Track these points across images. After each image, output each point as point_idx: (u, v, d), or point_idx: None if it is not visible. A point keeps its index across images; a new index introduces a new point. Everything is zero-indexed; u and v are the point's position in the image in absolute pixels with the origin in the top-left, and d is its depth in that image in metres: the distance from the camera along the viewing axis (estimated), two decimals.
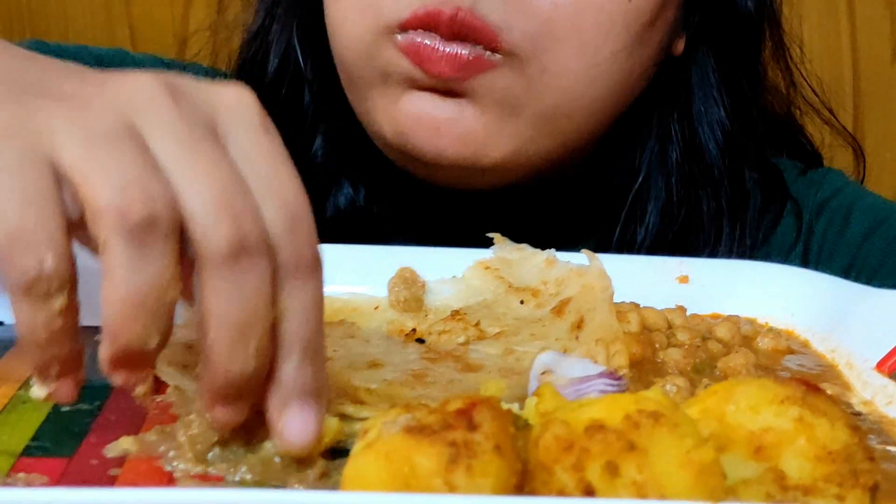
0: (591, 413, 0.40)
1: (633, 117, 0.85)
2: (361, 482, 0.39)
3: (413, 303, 0.67)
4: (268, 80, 0.88)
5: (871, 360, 0.61)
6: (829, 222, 0.89)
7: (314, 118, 0.88)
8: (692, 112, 0.86)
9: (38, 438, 0.50)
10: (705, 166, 0.86)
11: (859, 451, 0.43)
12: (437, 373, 0.58)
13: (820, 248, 0.89)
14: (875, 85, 1.31)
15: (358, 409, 0.51)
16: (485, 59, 0.73)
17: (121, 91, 0.44)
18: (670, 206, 0.85)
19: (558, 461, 0.39)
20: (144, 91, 0.44)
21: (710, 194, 0.86)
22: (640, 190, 0.86)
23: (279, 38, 0.88)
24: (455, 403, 0.40)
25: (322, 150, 0.88)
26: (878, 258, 0.87)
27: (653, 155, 0.86)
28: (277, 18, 0.88)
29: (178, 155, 0.42)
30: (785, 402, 0.43)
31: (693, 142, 0.86)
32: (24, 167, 0.41)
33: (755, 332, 0.66)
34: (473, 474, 0.38)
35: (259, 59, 0.89)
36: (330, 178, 0.88)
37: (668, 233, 0.85)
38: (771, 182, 0.89)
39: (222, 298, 0.42)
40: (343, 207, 0.88)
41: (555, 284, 0.67)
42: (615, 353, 0.58)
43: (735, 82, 0.87)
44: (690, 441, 0.40)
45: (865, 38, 1.30)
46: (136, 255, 0.41)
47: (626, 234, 0.86)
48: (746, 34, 0.88)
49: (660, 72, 0.84)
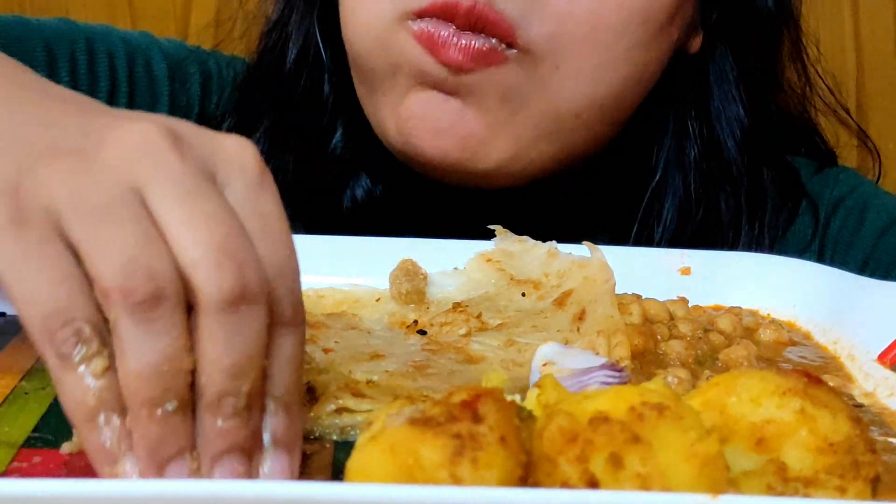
0: (596, 405, 0.40)
1: (650, 115, 0.85)
2: (366, 474, 0.39)
3: (415, 295, 0.67)
4: (287, 71, 0.88)
5: (872, 351, 0.61)
6: (845, 220, 0.90)
7: (334, 110, 0.88)
8: (710, 109, 0.86)
9: (39, 430, 0.50)
10: (723, 164, 0.86)
11: (861, 442, 0.43)
12: (438, 364, 0.58)
13: (835, 246, 0.89)
14: (879, 79, 1.30)
15: (358, 402, 0.51)
16: (498, 52, 0.73)
17: (122, 146, 0.44)
18: (688, 203, 0.85)
19: (562, 453, 0.39)
20: (146, 144, 0.44)
21: (728, 192, 0.86)
22: (658, 187, 0.86)
23: (298, 28, 0.88)
24: (459, 395, 0.40)
25: (342, 142, 0.88)
26: (893, 255, 0.87)
27: (670, 152, 0.86)
28: (297, 8, 0.88)
29: (180, 208, 0.43)
30: (786, 393, 0.43)
31: (711, 139, 0.86)
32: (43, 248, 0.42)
33: (757, 324, 0.66)
34: (478, 466, 0.38)
35: (279, 50, 0.89)
36: (349, 169, 0.88)
37: (685, 231, 0.85)
38: (787, 180, 0.89)
39: (220, 344, 0.42)
40: (360, 199, 0.88)
41: (556, 276, 0.67)
42: (617, 344, 0.58)
43: (753, 80, 0.86)
44: (694, 433, 0.40)
45: (869, 33, 1.29)
46: (145, 329, 0.42)
47: (644, 231, 0.86)
48: (765, 32, 0.88)
49: (677, 69, 0.83)
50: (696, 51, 0.85)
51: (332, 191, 0.88)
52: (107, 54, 0.88)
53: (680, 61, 0.84)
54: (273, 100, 0.88)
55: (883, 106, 1.32)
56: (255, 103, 0.89)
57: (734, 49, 0.86)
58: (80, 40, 0.87)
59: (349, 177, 0.88)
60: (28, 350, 0.59)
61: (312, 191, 0.87)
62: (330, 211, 0.87)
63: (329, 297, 0.68)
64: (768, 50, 0.89)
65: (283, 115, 0.88)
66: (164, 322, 0.42)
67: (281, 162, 0.87)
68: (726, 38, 0.86)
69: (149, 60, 0.90)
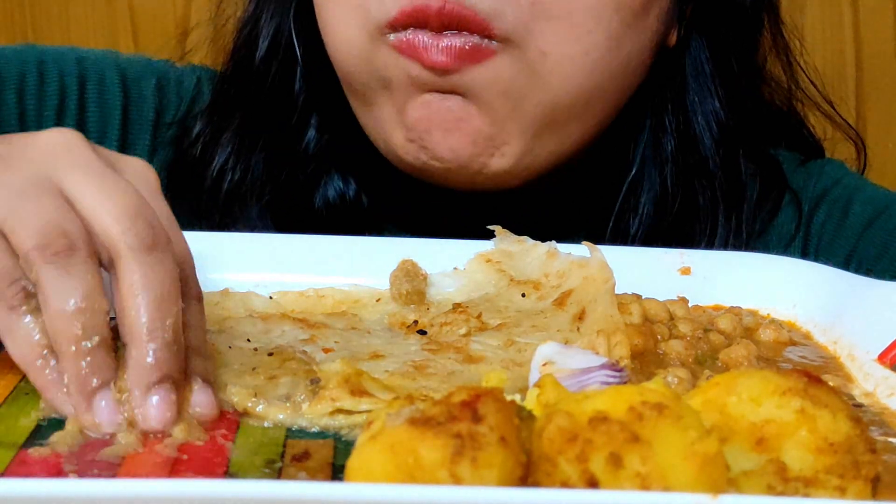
0: (595, 404, 0.40)
1: (627, 108, 0.85)
2: (366, 474, 0.39)
3: (415, 296, 0.67)
4: (256, 67, 0.88)
5: (872, 351, 0.61)
6: (829, 213, 0.89)
7: (306, 108, 0.88)
8: (686, 103, 0.85)
9: (39, 430, 0.50)
10: (700, 158, 0.86)
11: (861, 442, 0.43)
12: (438, 364, 0.58)
13: (819, 239, 0.89)
14: (877, 77, 1.31)
15: (356, 402, 0.51)
16: (482, 47, 0.73)
17: (42, 145, 0.54)
18: (665, 197, 0.85)
19: (562, 452, 0.39)
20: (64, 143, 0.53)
21: (705, 186, 0.86)
22: (634, 181, 0.86)
23: (268, 24, 0.87)
24: (459, 395, 0.40)
25: (314, 141, 0.88)
26: (878, 248, 0.87)
27: (647, 146, 0.86)
28: (268, 6, 0.88)
29: (94, 185, 0.51)
30: (786, 393, 0.43)
31: (688, 133, 0.85)
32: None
33: (757, 324, 0.66)
34: (478, 466, 0.38)
35: (249, 46, 0.89)
36: (321, 169, 0.88)
37: (662, 224, 0.85)
38: (769, 173, 0.89)
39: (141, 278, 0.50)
40: (332, 199, 0.88)
41: (556, 276, 0.67)
42: (616, 344, 0.58)
43: (730, 74, 0.86)
44: (694, 433, 0.40)
45: (868, 30, 1.29)
46: (62, 275, 0.49)
47: (620, 225, 0.86)
48: (742, 25, 0.87)
49: (655, 63, 0.84)
50: (674, 44, 0.85)
51: (303, 190, 0.88)
52: (58, 75, 0.88)
53: (659, 55, 0.84)
54: (243, 97, 0.88)
55: (883, 106, 1.32)
56: (226, 103, 0.89)
57: (711, 42, 0.86)
58: (30, 63, 0.88)
59: (321, 176, 0.88)
60: None
61: (283, 190, 0.87)
62: (301, 211, 0.87)
63: (329, 297, 0.68)
64: (746, 43, 0.88)
65: (254, 113, 0.88)
66: (78, 268, 0.49)
67: (251, 161, 0.87)
68: (703, 31, 0.85)
69: (102, 78, 0.90)
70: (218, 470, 0.46)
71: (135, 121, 0.91)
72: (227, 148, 0.88)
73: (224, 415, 0.52)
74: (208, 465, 0.47)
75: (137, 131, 0.91)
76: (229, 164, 0.87)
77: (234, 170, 0.87)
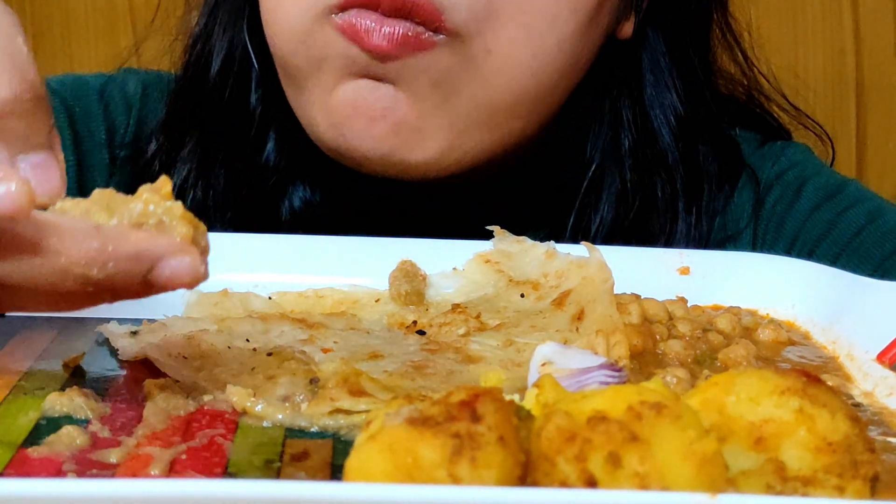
0: (594, 404, 0.40)
1: (584, 104, 0.84)
2: (365, 474, 0.39)
3: (414, 296, 0.67)
4: (210, 83, 0.87)
5: (871, 351, 0.61)
6: (781, 195, 0.88)
7: (263, 121, 0.87)
8: (644, 98, 0.85)
9: (38, 430, 0.50)
10: (659, 152, 0.85)
11: (859, 442, 0.43)
12: (437, 364, 0.58)
13: (769, 220, 0.88)
14: (878, 78, 1.31)
15: (355, 402, 0.51)
16: (424, 38, 0.72)
17: None
18: (625, 193, 0.84)
19: (561, 452, 0.39)
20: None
21: (664, 180, 0.85)
22: (594, 178, 0.85)
23: (222, 39, 0.86)
24: (458, 395, 0.40)
25: (274, 152, 0.87)
26: (822, 230, 0.86)
27: (605, 142, 0.85)
28: (220, 19, 0.87)
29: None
30: (785, 393, 0.43)
31: (646, 128, 0.85)
32: None
33: (756, 324, 0.66)
34: (477, 466, 0.38)
35: (202, 62, 0.87)
36: (284, 180, 0.87)
37: (623, 220, 0.84)
38: (726, 154, 0.88)
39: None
40: (298, 208, 0.87)
41: (555, 277, 0.67)
42: (615, 344, 0.58)
43: (687, 67, 0.86)
44: (693, 433, 0.40)
45: (868, 30, 1.30)
46: None
47: (581, 223, 0.85)
48: (697, 18, 0.87)
49: (610, 57, 0.83)
50: (628, 37, 0.84)
51: (268, 202, 0.87)
52: None
53: (612, 48, 0.83)
54: (199, 113, 0.87)
55: (883, 106, 1.32)
56: (182, 119, 0.88)
57: (667, 36, 0.85)
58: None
59: (285, 187, 0.87)
60: (28, 350, 0.59)
61: (247, 204, 0.86)
62: (268, 223, 0.86)
63: (329, 297, 0.68)
64: (700, 36, 0.88)
65: (211, 129, 0.87)
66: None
67: (211, 179, 0.86)
68: (658, 24, 0.85)
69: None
70: (217, 470, 0.46)
71: (86, 138, 0.90)
72: (186, 166, 0.86)
73: (223, 415, 0.52)
74: (207, 465, 0.47)
75: (91, 148, 0.90)
76: (189, 181, 0.86)
77: (196, 187, 0.86)
